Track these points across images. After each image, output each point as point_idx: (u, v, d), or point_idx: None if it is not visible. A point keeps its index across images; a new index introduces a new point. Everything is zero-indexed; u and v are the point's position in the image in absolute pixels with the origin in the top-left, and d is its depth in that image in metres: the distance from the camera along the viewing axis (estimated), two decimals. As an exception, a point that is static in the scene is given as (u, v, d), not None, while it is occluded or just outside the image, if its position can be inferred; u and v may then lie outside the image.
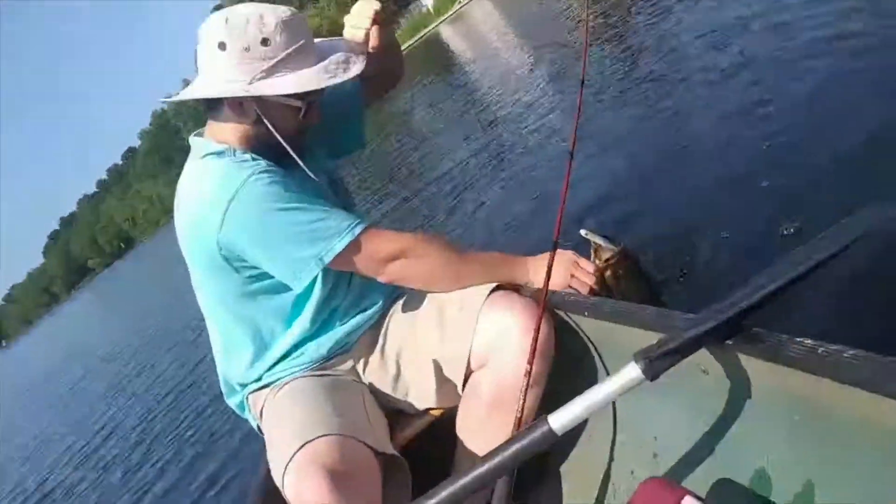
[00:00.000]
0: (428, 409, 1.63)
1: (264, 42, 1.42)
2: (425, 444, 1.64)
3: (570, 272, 1.59)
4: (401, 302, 1.70)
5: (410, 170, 9.09)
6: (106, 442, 7.66)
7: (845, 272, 1.66)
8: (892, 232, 0.97)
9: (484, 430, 1.50)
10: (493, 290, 1.54)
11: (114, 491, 5.72)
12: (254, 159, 1.49)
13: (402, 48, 2.24)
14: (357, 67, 1.52)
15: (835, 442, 0.98)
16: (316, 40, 1.55)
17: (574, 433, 1.26)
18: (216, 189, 1.44)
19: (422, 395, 1.59)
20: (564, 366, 1.55)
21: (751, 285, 1.04)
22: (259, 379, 1.61)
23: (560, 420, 1.06)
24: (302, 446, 1.28)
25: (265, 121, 1.48)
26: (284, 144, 1.49)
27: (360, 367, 1.65)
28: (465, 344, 1.51)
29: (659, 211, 3.36)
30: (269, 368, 1.60)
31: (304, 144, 1.57)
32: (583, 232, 1.66)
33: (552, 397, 1.47)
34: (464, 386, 1.54)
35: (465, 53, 21.02)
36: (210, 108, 1.53)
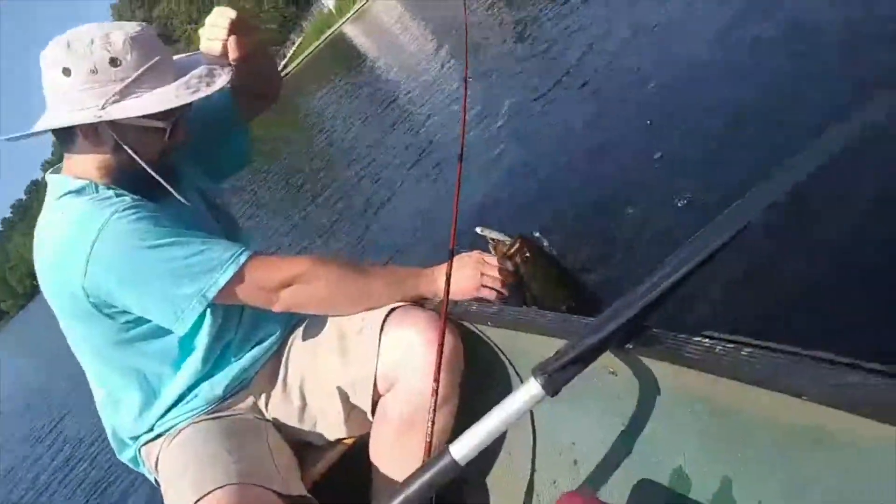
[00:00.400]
0: (339, 440, 1.54)
1: (113, 62, 1.31)
2: (339, 476, 1.56)
3: (478, 272, 1.50)
4: (300, 329, 1.60)
5: (311, 178, 9.04)
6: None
7: (739, 260, 1.67)
8: (778, 216, 0.95)
9: (396, 454, 1.42)
10: (393, 308, 1.46)
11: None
12: (118, 195, 1.35)
13: (309, 51, 2.15)
14: (222, 80, 1.42)
15: (743, 438, 0.97)
16: (175, 57, 1.45)
17: (493, 445, 1.21)
18: (77, 231, 1.30)
19: (330, 426, 1.51)
20: (475, 378, 1.49)
21: (646, 283, 1.01)
22: (151, 429, 1.49)
23: (462, 450, 1.00)
24: (197, 502, 1.18)
25: (125, 147, 1.36)
26: (149, 171, 1.37)
27: (261, 402, 1.54)
28: (370, 367, 1.42)
29: (555, 199, 3.39)
30: (161, 416, 1.48)
31: (172, 168, 1.45)
32: (478, 230, 1.61)
33: (466, 410, 1.42)
34: (373, 411, 1.46)
35: (370, 51, 20.86)
36: (63, 141, 1.39)
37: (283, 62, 37.57)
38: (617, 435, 1.24)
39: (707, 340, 0.94)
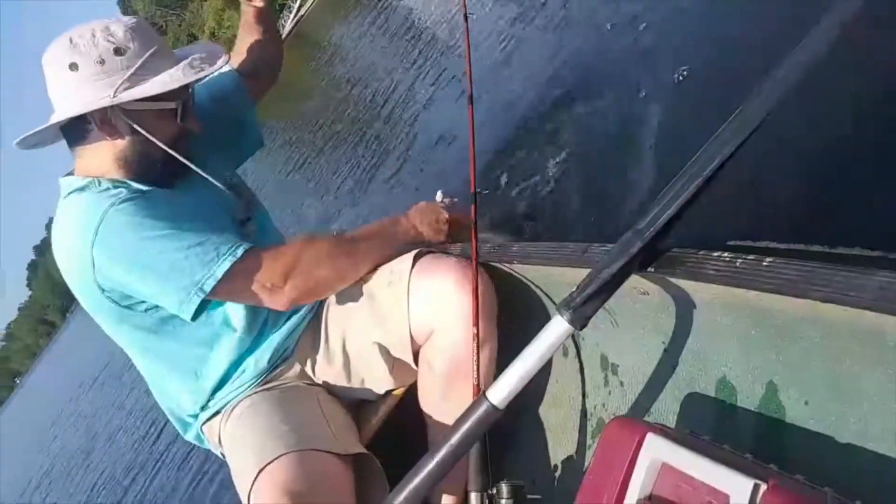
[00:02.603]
0: (388, 393, 1.58)
1: (118, 51, 1.35)
2: (394, 428, 1.60)
3: (434, 218, 1.55)
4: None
5: (331, 120, 8.99)
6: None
7: (747, 167, 1.61)
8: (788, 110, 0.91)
9: (445, 401, 1.45)
10: (417, 257, 1.46)
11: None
12: (116, 187, 1.37)
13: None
14: (221, 60, 1.46)
15: (782, 342, 0.97)
16: (173, 50, 1.50)
17: (535, 380, 1.22)
18: (79, 229, 1.33)
19: (377, 381, 1.54)
20: (510, 316, 1.50)
21: (658, 205, 0.98)
22: (205, 408, 1.54)
23: (499, 395, 1.02)
24: (259, 472, 1.23)
25: (141, 131, 1.38)
26: (166, 149, 1.41)
27: (307, 369, 1.58)
28: (403, 320, 1.44)
29: (559, 128, 3.33)
30: (211, 396, 1.53)
31: (188, 155, 1.47)
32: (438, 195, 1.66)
33: (507, 348, 1.44)
34: (416, 360, 1.48)
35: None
36: (76, 137, 1.42)
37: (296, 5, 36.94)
38: (658, 354, 1.24)
39: (727, 255, 0.93)
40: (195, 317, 1.33)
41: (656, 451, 0.93)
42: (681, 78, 2.73)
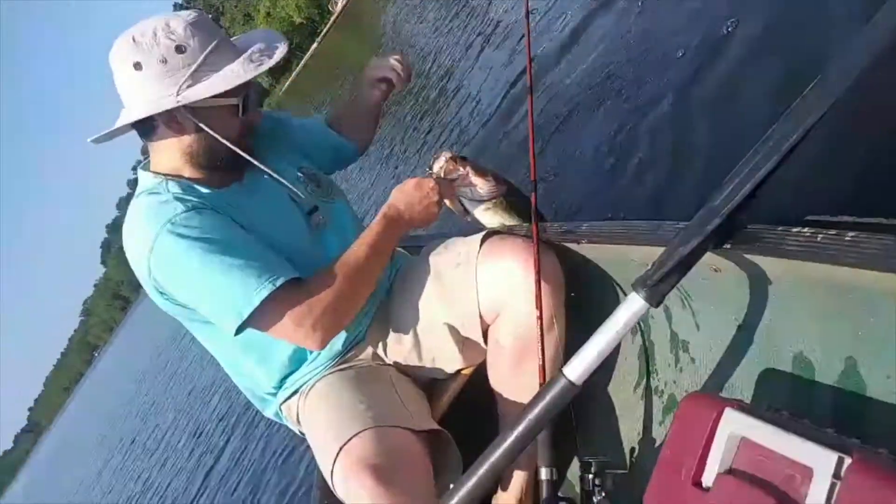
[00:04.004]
0: (458, 371, 1.60)
1: (179, 49, 1.37)
2: (464, 405, 1.63)
3: (417, 195, 1.51)
4: (400, 276, 1.66)
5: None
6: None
7: (828, 136, 1.55)
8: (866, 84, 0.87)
9: (514, 379, 1.48)
10: (484, 238, 1.48)
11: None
12: (177, 198, 1.39)
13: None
14: (280, 51, 1.48)
15: (861, 316, 0.96)
16: (231, 38, 1.50)
17: (607, 357, 1.23)
18: (140, 238, 1.37)
19: (447, 360, 1.57)
20: (577, 295, 1.50)
21: (735, 181, 0.97)
22: (282, 388, 1.59)
23: (575, 371, 1.04)
24: (340, 449, 1.27)
25: (206, 129, 1.42)
26: (235, 149, 1.45)
27: (379, 351, 1.62)
28: (472, 300, 1.46)
29: (623, 103, 3.27)
30: (285, 378, 1.57)
31: (253, 142, 1.52)
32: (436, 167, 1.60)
33: (575, 327, 1.45)
34: (485, 339, 1.51)
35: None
36: (145, 134, 1.47)
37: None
38: (731, 330, 1.23)
39: (807, 230, 0.91)
40: (237, 334, 1.35)
41: (735, 425, 0.93)
42: (754, 48, 2.65)
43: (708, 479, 0.93)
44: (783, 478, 0.83)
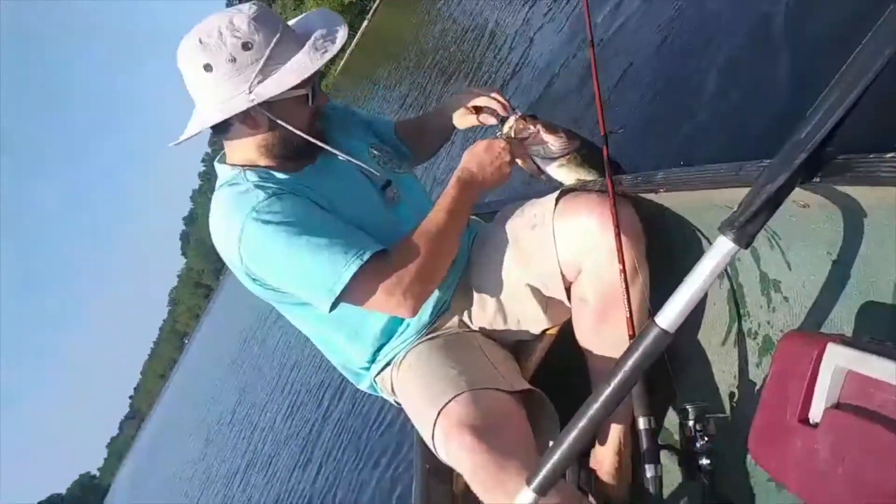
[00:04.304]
0: (545, 331, 1.62)
1: (245, 46, 1.39)
2: (554, 363, 1.65)
3: (488, 157, 1.50)
4: (478, 244, 1.68)
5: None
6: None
7: None
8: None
9: (601, 334, 1.49)
10: (559, 198, 1.48)
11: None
12: (257, 186, 1.43)
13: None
14: (342, 34, 1.49)
15: None
16: (289, 22, 1.52)
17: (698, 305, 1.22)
18: (227, 230, 1.43)
19: (533, 321, 1.58)
20: (660, 245, 1.49)
21: (820, 110, 0.94)
22: (374, 361, 1.64)
23: (668, 319, 1.03)
24: (439, 413, 1.31)
25: (280, 123, 1.46)
26: (309, 139, 1.48)
27: (465, 318, 1.65)
28: (552, 260, 1.47)
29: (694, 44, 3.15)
30: (377, 351, 1.62)
31: (323, 126, 1.55)
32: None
33: (660, 278, 1.44)
34: (569, 296, 1.52)
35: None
36: (220, 131, 1.51)
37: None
38: (825, 265, 1.20)
39: None
40: (331, 310, 1.39)
41: (839, 359, 0.92)
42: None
43: (815, 414, 0.93)
44: (894, 405, 0.82)
